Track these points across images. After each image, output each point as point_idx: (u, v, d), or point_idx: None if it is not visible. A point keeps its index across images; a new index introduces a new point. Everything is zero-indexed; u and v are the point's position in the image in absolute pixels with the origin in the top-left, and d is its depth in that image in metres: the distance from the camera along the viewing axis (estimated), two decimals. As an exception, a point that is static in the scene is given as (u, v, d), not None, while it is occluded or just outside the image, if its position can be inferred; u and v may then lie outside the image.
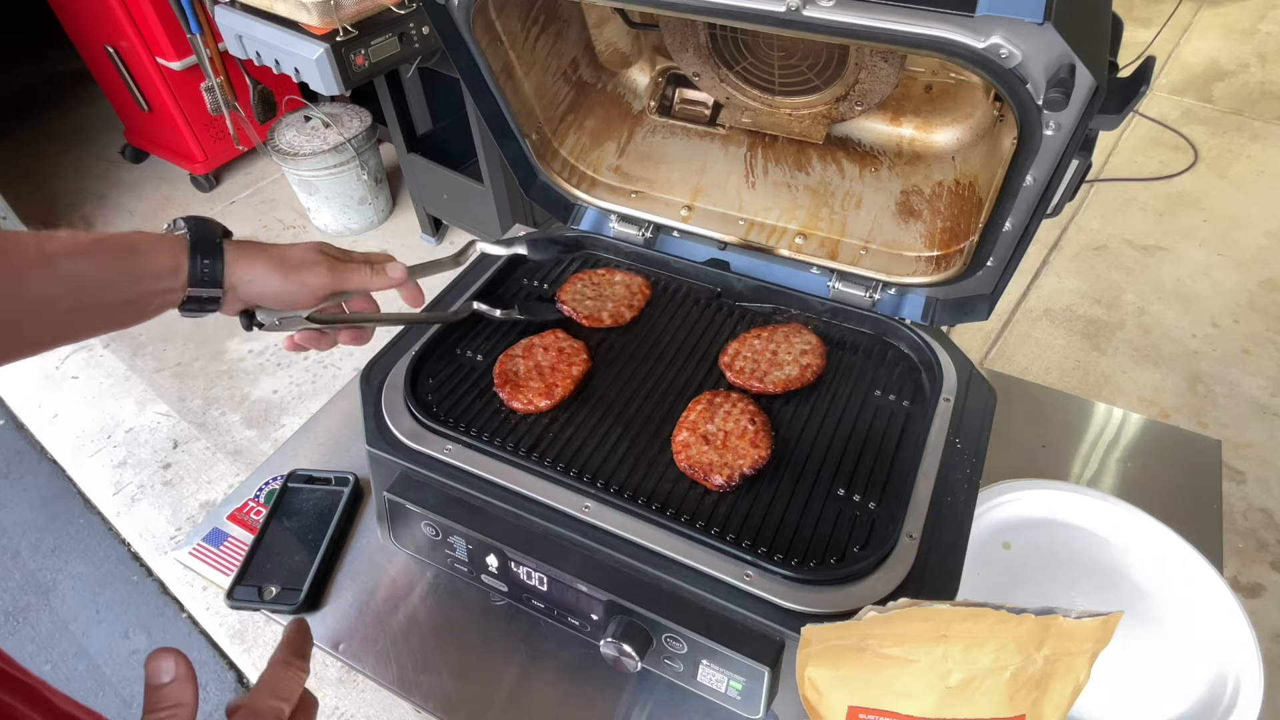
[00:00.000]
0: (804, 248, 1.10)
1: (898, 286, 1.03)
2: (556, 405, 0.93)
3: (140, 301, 0.68)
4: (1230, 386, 2.41)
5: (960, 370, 0.93)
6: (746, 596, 0.73)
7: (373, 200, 3.05)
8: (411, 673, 0.91)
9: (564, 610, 0.83)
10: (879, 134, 1.10)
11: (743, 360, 0.97)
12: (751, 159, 1.16)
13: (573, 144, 1.19)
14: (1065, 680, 0.64)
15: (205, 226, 0.73)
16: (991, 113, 0.98)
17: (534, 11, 1.03)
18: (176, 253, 0.69)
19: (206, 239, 0.72)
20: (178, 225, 0.73)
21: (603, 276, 1.11)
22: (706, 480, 0.84)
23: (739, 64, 1.07)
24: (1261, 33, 4.12)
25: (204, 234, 0.72)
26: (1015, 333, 2.62)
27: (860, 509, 0.82)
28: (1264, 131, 3.42)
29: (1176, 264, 2.82)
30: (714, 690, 0.77)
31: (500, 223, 2.61)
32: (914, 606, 0.63)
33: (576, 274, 1.12)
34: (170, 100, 2.95)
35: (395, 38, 2.07)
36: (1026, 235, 0.84)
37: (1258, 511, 2.10)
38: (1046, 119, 0.69)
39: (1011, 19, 0.61)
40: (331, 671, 1.85)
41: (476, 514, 0.83)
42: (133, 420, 2.48)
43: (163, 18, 2.65)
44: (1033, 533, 0.99)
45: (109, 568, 2.14)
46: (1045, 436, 1.16)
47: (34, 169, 3.48)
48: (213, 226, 0.74)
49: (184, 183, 3.38)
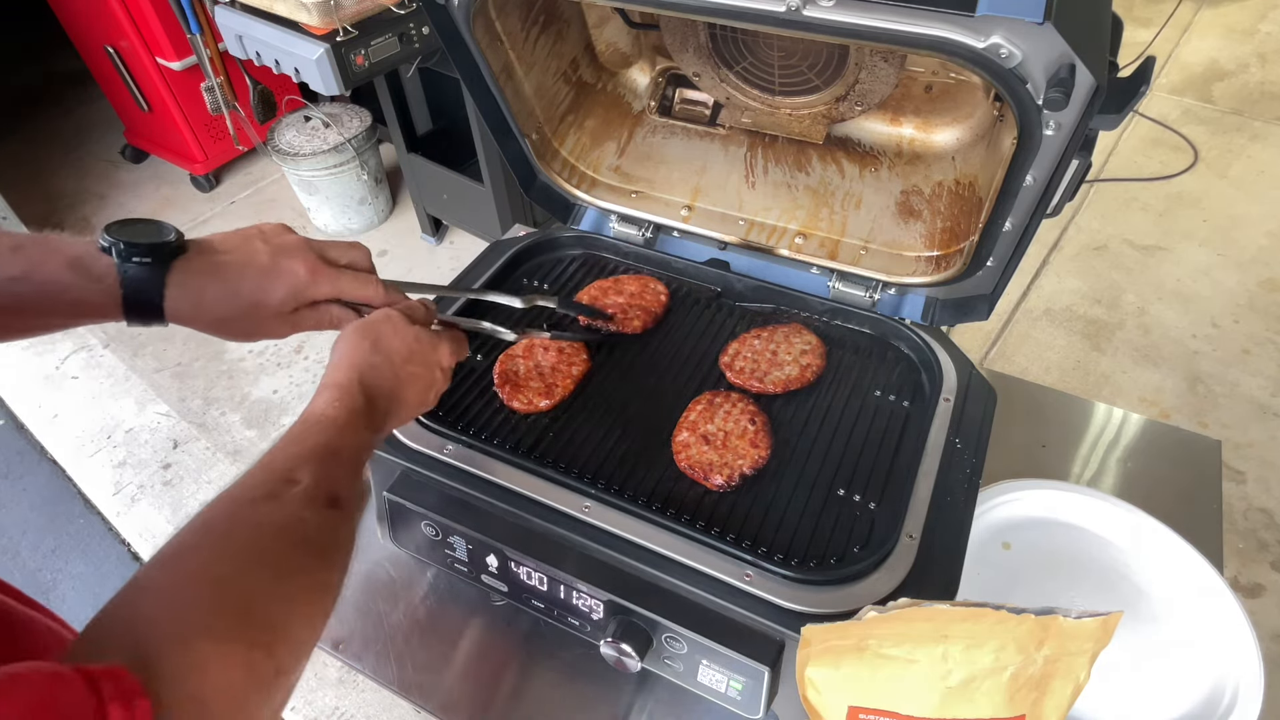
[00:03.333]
0: (804, 248, 1.09)
1: (898, 286, 1.03)
2: (556, 405, 0.93)
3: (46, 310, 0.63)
4: (1230, 386, 2.41)
5: (960, 370, 0.93)
6: (746, 596, 0.73)
7: (373, 200, 3.05)
8: (411, 673, 0.91)
9: (564, 610, 0.83)
10: (879, 134, 1.10)
11: (743, 360, 0.97)
12: (751, 159, 1.16)
13: (573, 144, 1.19)
14: (1065, 680, 0.64)
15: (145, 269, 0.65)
16: (991, 113, 0.98)
17: (534, 11, 1.03)
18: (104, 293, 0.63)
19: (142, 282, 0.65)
20: (103, 238, 0.65)
21: (614, 284, 1.09)
22: (706, 480, 0.84)
23: (739, 64, 1.07)
24: (1261, 33, 4.12)
25: (141, 276, 0.65)
26: (1015, 333, 2.62)
27: (860, 509, 0.82)
28: (1264, 131, 3.42)
29: (1176, 264, 2.82)
30: (714, 690, 0.77)
31: (500, 223, 2.61)
32: (914, 606, 0.63)
33: (589, 284, 1.10)
34: (170, 100, 2.95)
35: (395, 38, 2.07)
36: (1026, 235, 0.84)
37: (1258, 511, 2.10)
38: (1046, 119, 0.69)
39: (1011, 19, 0.61)
40: (331, 672, 1.85)
41: (476, 514, 0.83)
42: (133, 420, 2.48)
43: (163, 18, 2.65)
44: (1033, 533, 0.99)
45: (109, 568, 2.14)
46: (1045, 436, 1.16)
47: (34, 169, 3.48)
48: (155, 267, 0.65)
49: (184, 183, 3.38)
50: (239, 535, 0.51)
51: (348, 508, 0.59)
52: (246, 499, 0.54)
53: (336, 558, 0.57)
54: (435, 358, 0.74)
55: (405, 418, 0.73)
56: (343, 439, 0.61)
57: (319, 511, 0.55)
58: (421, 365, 0.72)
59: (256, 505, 0.54)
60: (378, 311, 0.73)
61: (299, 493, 0.55)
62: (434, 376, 0.74)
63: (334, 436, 0.61)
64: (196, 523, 0.51)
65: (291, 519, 0.54)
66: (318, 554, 0.55)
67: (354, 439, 0.63)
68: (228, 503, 0.53)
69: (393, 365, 0.69)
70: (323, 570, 0.55)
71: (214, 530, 0.51)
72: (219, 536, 0.51)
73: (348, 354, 0.68)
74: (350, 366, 0.67)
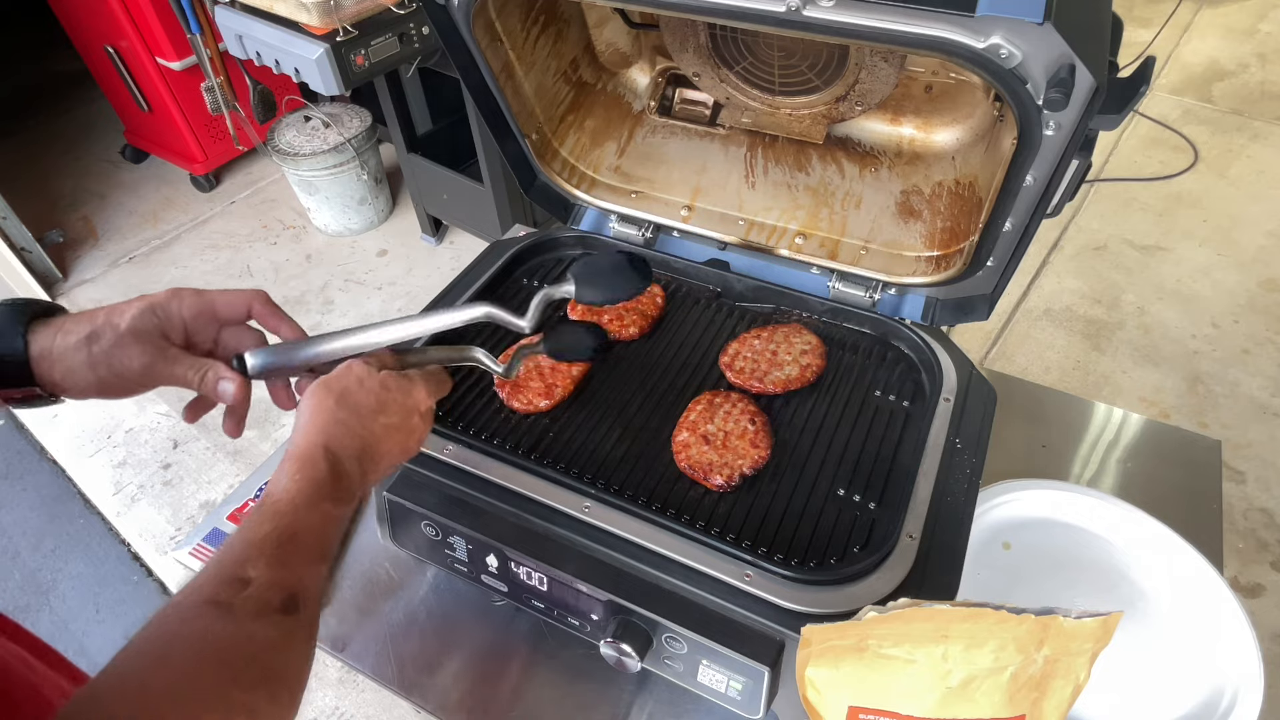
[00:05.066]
0: (804, 248, 1.09)
1: (898, 286, 1.03)
2: (556, 405, 0.93)
3: None
4: (1230, 386, 2.41)
5: (960, 370, 0.93)
6: (746, 596, 0.73)
7: (373, 200, 3.05)
8: (411, 673, 0.91)
9: (564, 610, 0.83)
10: (879, 134, 1.10)
11: (743, 360, 0.97)
12: (751, 159, 1.16)
13: (573, 144, 1.19)
14: (1065, 680, 0.64)
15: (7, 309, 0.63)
16: (991, 113, 0.98)
17: (534, 11, 1.03)
18: None
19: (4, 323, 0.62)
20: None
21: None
22: (706, 480, 0.84)
23: (739, 64, 1.07)
24: (1261, 33, 4.12)
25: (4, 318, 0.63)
26: (1015, 333, 2.62)
27: (860, 509, 0.82)
28: (1264, 131, 3.42)
29: (1176, 264, 2.82)
30: (714, 690, 0.77)
31: (500, 223, 2.61)
32: (914, 606, 0.63)
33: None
34: (170, 100, 2.95)
35: (395, 38, 2.07)
36: (1026, 235, 0.84)
37: (1258, 511, 2.10)
38: (1046, 119, 0.69)
39: (1011, 19, 0.61)
40: (331, 672, 1.85)
41: (476, 514, 0.83)
42: (133, 420, 2.47)
43: (163, 18, 2.65)
44: (1033, 533, 0.99)
45: (109, 568, 2.14)
46: (1045, 436, 1.16)
47: (34, 169, 3.48)
48: (15, 308, 0.64)
49: (184, 183, 3.38)
50: (178, 654, 0.47)
51: (306, 608, 0.54)
52: (192, 605, 0.50)
53: (286, 677, 0.52)
54: (410, 403, 0.68)
55: (385, 473, 0.68)
56: (302, 520, 0.57)
57: (270, 622, 0.51)
58: (397, 414, 0.67)
59: (202, 614, 0.49)
60: (340, 365, 0.68)
61: (250, 596, 0.51)
62: (412, 424, 0.69)
63: (291, 520, 0.56)
64: (147, 630, 0.48)
65: (238, 636, 0.49)
66: (263, 678, 0.49)
67: (317, 518, 0.58)
68: (175, 609, 0.49)
69: (362, 420, 0.64)
70: (268, 695, 0.49)
71: (154, 645, 0.48)
72: (156, 657, 0.47)
73: (310, 416, 0.63)
74: (314, 429, 0.62)
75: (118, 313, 0.66)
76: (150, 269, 3.03)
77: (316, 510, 0.58)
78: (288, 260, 3.03)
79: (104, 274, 3.01)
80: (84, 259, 3.07)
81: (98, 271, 3.02)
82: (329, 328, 2.73)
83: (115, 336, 0.65)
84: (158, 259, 3.07)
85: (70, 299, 2.90)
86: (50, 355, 0.64)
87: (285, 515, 0.56)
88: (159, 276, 2.98)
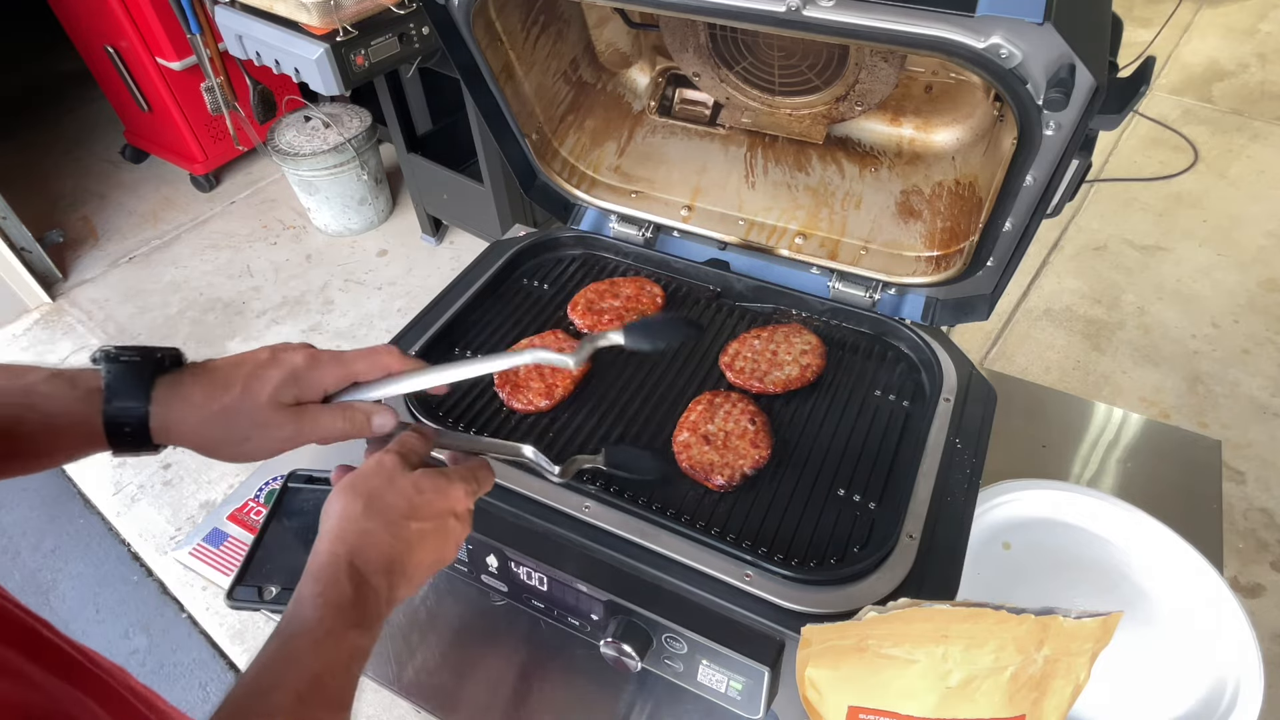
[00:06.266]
0: (804, 248, 1.09)
1: (898, 286, 1.03)
2: (556, 405, 0.93)
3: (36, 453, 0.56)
4: (1230, 386, 2.41)
5: (960, 370, 0.93)
6: (746, 596, 0.73)
7: (373, 200, 3.05)
8: (411, 673, 0.91)
9: (564, 610, 0.83)
10: (879, 134, 1.10)
11: (743, 360, 0.97)
12: (751, 159, 1.16)
13: (573, 144, 1.19)
14: (1065, 680, 0.64)
15: (131, 368, 0.59)
16: (991, 113, 0.98)
17: (534, 11, 1.03)
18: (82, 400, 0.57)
19: (127, 382, 0.58)
20: (96, 359, 0.59)
21: (610, 287, 1.09)
22: (707, 480, 0.84)
23: (739, 64, 1.07)
24: (1261, 33, 4.12)
25: (126, 376, 0.58)
26: (1015, 333, 2.62)
27: (860, 509, 0.82)
28: (1264, 131, 3.42)
29: (1176, 264, 2.82)
30: (714, 690, 0.77)
31: (500, 223, 2.61)
32: (914, 606, 0.63)
33: (586, 286, 1.09)
34: (170, 100, 2.95)
35: (395, 38, 2.07)
36: (1026, 235, 0.84)
37: (1258, 511, 2.10)
38: (1046, 119, 0.69)
39: (1011, 19, 0.61)
40: (331, 671, 1.85)
41: (476, 514, 0.83)
42: (133, 420, 2.48)
43: (163, 18, 2.65)
44: (1033, 533, 0.99)
45: (109, 568, 2.14)
46: (1045, 436, 1.16)
47: (34, 169, 3.48)
48: (142, 366, 0.59)
49: (184, 183, 3.38)
50: None
51: None
52: None
53: None
54: (446, 505, 0.61)
55: (416, 587, 0.61)
56: (325, 660, 0.51)
57: None
58: (431, 518, 0.60)
59: None
60: (368, 461, 0.62)
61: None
62: (447, 527, 0.62)
63: (312, 661, 0.51)
64: None
65: None
66: None
67: (342, 656, 0.52)
68: None
69: (391, 528, 0.58)
70: None
71: None
72: None
73: (336, 522, 0.58)
74: (338, 538, 0.57)
75: (256, 383, 0.61)
76: (150, 269, 3.03)
77: (341, 645, 0.53)
78: (288, 260, 3.03)
79: (104, 274, 3.01)
80: (84, 259, 3.07)
81: (98, 271, 3.02)
82: (329, 328, 2.73)
83: (255, 411, 0.60)
84: (158, 259, 3.07)
85: (70, 299, 2.90)
86: (178, 425, 0.59)
87: (305, 655, 0.51)
88: (159, 276, 2.98)
